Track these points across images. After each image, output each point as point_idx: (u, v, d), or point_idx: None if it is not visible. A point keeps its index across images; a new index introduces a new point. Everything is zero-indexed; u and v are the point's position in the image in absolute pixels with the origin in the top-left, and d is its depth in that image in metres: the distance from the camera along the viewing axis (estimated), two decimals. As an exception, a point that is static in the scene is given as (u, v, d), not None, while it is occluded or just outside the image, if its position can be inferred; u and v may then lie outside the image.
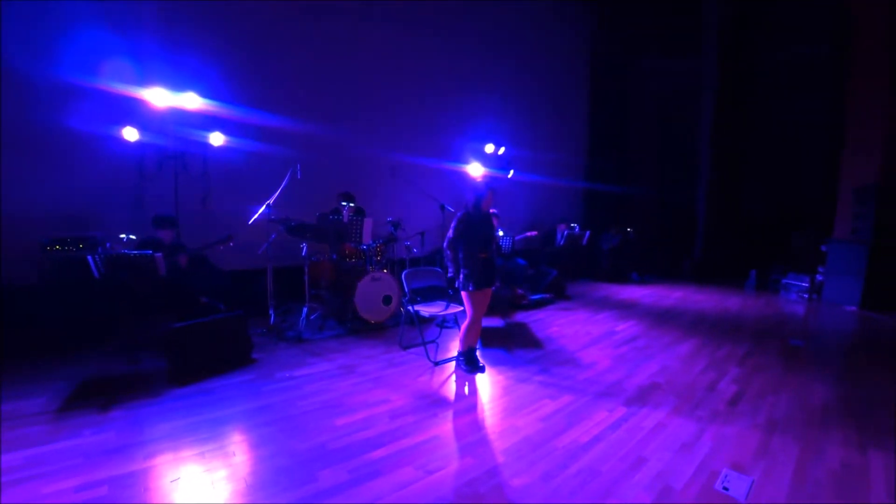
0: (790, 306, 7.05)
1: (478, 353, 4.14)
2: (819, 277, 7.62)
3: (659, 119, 10.99)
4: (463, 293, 3.73)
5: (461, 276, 3.71)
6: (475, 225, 3.70)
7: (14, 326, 4.30)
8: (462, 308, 3.94)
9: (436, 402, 3.30)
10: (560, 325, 5.50)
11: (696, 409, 3.31)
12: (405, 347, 4.44)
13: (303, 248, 5.05)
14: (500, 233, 6.70)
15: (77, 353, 4.09)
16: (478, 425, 2.99)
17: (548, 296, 6.76)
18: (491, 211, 6.75)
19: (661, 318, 5.96)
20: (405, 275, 4.23)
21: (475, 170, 7.93)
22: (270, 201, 4.76)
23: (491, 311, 5.91)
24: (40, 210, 4.64)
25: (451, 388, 3.55)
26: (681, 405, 3.37)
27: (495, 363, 4.13)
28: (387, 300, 5.17)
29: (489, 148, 8.51)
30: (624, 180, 10.94)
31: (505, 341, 4.80)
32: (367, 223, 4.99)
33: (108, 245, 4.56)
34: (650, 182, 11.00)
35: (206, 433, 2.84)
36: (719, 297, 7.43)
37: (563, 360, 4.25)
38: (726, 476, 2.43)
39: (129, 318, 4.38)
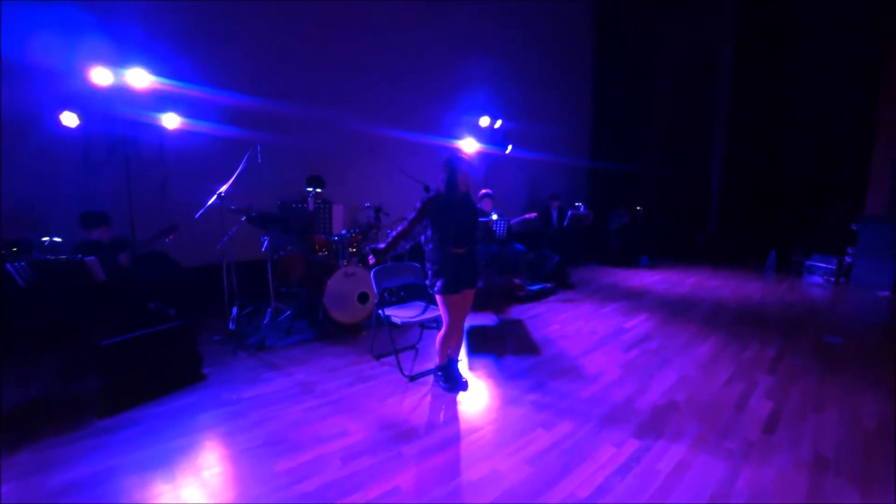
0: (816, 292, 6.36)
1: (460, 363, 3.53)
2: (848, 259, 6.89)
3: (669, 89, 10.06)
4: (437, 296, 3.08)
5: (430, 274, 3.06)
6: (448, 210, 2.99)
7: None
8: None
9: (403, 434, 2.70)
10: (561, 321, 4.86)
11: (725, 440, 2.68)
12: (378, 357, 3.83)
13: (264, 241, 4.43)
14: (494, 216, 6.01)
15: (3, 375, 3.54)
16: (449, 471, 2.38)
17: (549, 285, 6.11)
18: (483, 192, 6.12)
19: (675, 310, 5.29)
20: (375, 272, 3.59)
21: (469, 145, 7.20)
22: (223, 190, 4.10)
23: (483, 305, 5.29)
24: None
25: (423, 414, 2.94)
26: (705, 433, 2.74)
27: (482, 375, 3.52)
28: (363, 298, 4.54)
29: (484, 121, 7.74)
30: (631, 156, 10.12)
31: (496, 344, 4.18)
32: (337, 210, 4.34)
33: (35, 251, 3.97)
34: (660, 157, 10.16)
35: (109, 487, 2.26)
36: (737, 283, 6.74)
37: (563, 369, 3.62)
38: (775, 559, 1.82)
39: (66, 333, 3.82)
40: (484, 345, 4.16)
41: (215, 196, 4.09)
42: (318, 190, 4.59)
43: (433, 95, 7.07)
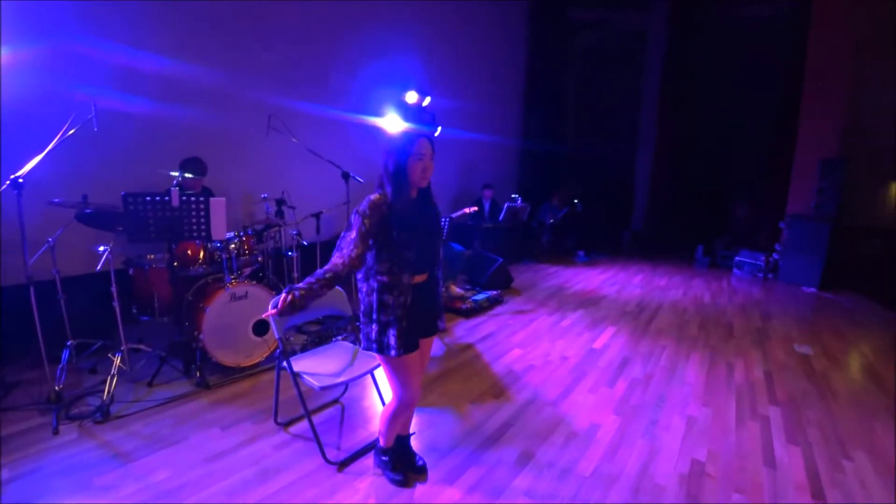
0: (753, 289, 6.27)
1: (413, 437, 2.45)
2: (775, 255, 6.96)
3: (601, 79, 9.71)
4: (380, 357, 1.96)
5: (364, 320, 1.93)
6: (399, 218, 1.83)
7: None
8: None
9: None
10: (520, 343, 3.98)
11: (787, 530, 1.97)
12: (285, 425, 2.62)
13: (103, 251, 2.97)
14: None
15: None
16: None
17: (494, 293, 5.23)
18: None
19: (638, 319, 4.70)
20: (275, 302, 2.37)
21: (393, 124, 6.05)
22: (20, 174, 2.57)
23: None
24: None
25: (367, 540, 1.86)
26: (759, 522, 2.01)
27: (439, 448, 2.48)
28: (261, 329, 3.27)
29: (411, 97, 6.61)
30: (562, 145, 9.69)
31: (447, 387, 3.18)
32: (218, 205, 2.99)
33: None
34: (590, 148, 9.83)
35: None
36: (681, 281, 6.45)
37: (547, 424, 2.72)
38: None
39: None
40: (434, 391, 3.12)
41: (8, 182, 2.55)
42: (188, 175, 3.18)
43: (350, 62, 5.79)
